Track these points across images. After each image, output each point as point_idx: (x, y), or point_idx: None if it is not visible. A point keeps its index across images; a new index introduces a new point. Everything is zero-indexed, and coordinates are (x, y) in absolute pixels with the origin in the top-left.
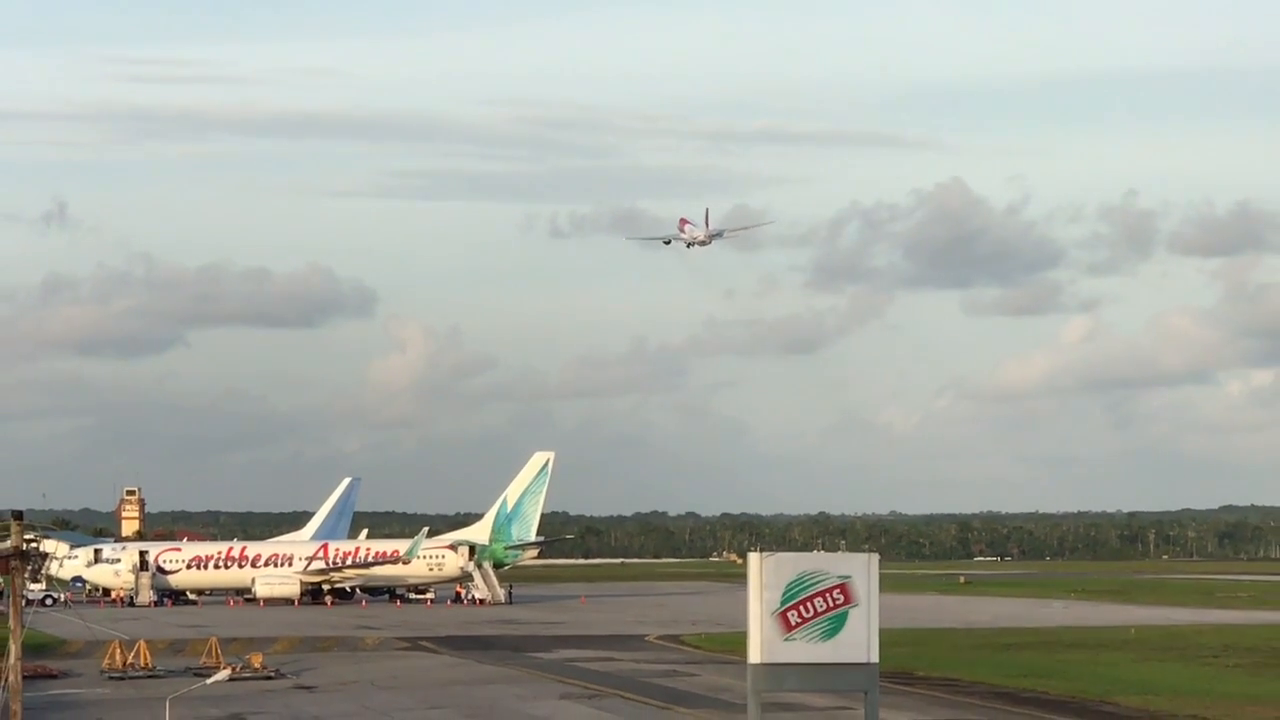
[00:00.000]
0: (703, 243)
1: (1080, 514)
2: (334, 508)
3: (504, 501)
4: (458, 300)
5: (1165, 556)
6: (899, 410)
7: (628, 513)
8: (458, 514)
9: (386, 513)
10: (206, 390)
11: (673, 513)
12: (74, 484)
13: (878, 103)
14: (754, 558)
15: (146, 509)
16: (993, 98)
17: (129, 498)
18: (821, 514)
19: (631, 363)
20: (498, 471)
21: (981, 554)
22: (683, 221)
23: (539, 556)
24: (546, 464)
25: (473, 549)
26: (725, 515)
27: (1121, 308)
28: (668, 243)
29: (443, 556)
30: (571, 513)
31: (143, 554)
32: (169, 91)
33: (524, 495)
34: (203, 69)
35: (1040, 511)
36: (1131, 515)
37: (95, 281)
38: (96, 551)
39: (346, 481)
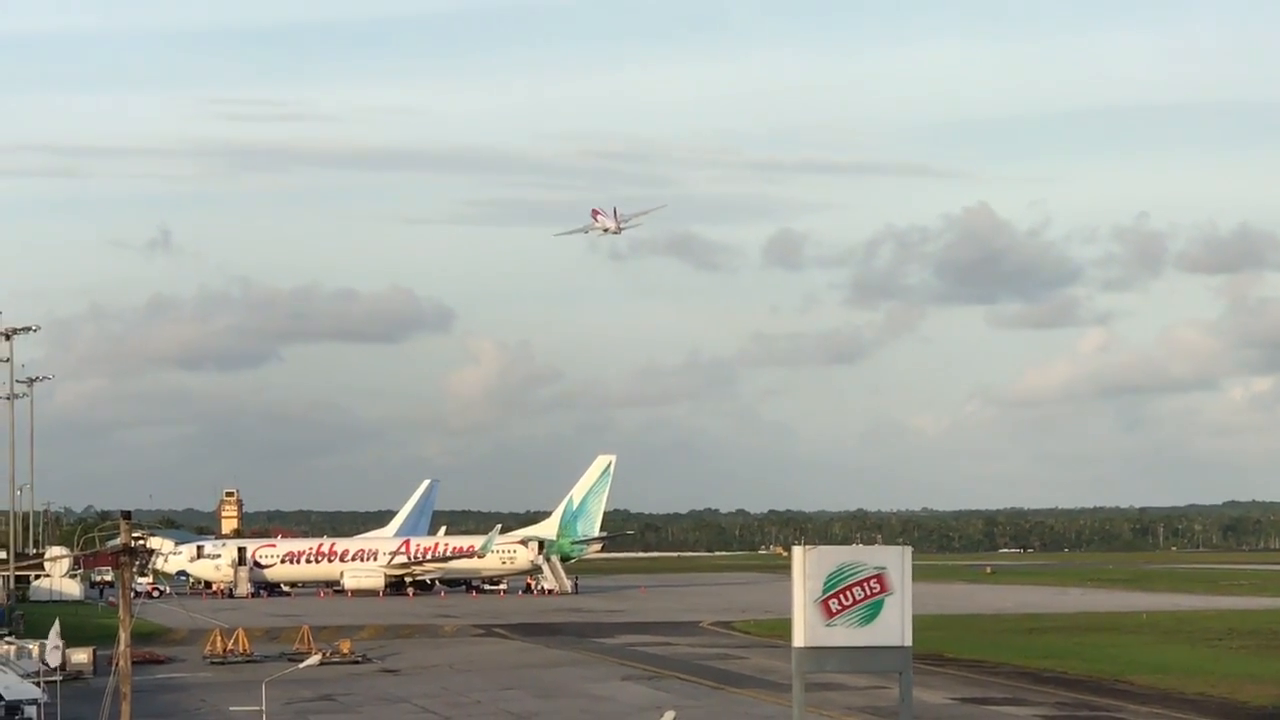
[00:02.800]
0: (615, 232)
1: (1096, 509)
2: (415, 507)
3: (570, 500)
4: (527, 317)
5: (1173, 548)
6: (930, 415)
7: (683, 510)
8: (528, 512)
9: (463, 511)
10: (298, 400)
11: (724, 510)
12: (178, 486)
13: (911, 135)
14: (798, 551)
15: (244, 509)
16: (1016, 129)
17: (228, 499)
18: (859, 511)
19: (686, 373)
20: (564, 473)
21: (1006, 546)
22: (595, 212)
23: (602, 550)
24: (609, 466)
25: (542, 544)
26: (772, 512)
27: (1133, 321)
28: (586, 232)
29: (514, 551)
30: (632, 510)
31: (241, 550)
32: (262, 129)
33: (588, 494)
34: (293, 108)
35: (1059, 507)
36: (1142, 510)
37: (197, 302)
38: (199, 548)
39: (426, 483)
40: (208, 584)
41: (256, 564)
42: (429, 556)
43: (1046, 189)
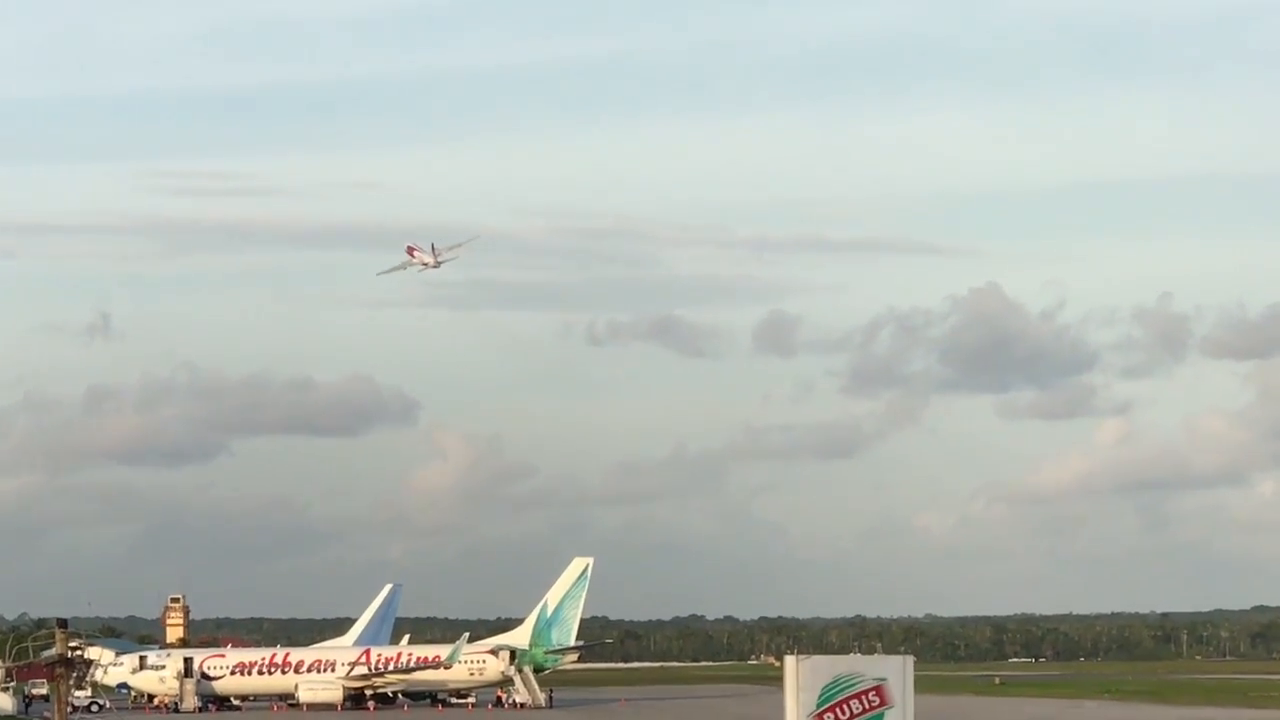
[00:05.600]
0: (433, 266)
1: (1114, 615)
2: (376, 614)
3: (544, 606)
4: (498, 408)
5: (1198, 657)
6: (935, 513)
7: (666, 617)
8: (498, 619)
9: (428, 618)
10: (250, 498)
11: (711, 616)
12: (119, 591)
13: (913, 210)
14: (790, 660)
15: (191, 616)
16: (1028, 204)
17: (173, 605)
18: (858, 617)
19: (670, 469)
20: (538, 577)
21: (1016, 655)
22: (410, 249)
23: (579, 661)
24: (586, 569)
25: (513, 654)
26: (763, 618)
27: (1155, 410)
28: (404, 269)
29: (484, 661)
30: (611, 617)
31: (187, 660)
32: (210, 204)
33: (564, 600)
34: (244, 181)
35: (1074, 612)
36: (1165, 616)
37: (139, 391)
38: (141, 658)
39: (388, 588)
40: (151, 697)
41: (204, 676)
42: (391, 667)
43: (1061, 268)
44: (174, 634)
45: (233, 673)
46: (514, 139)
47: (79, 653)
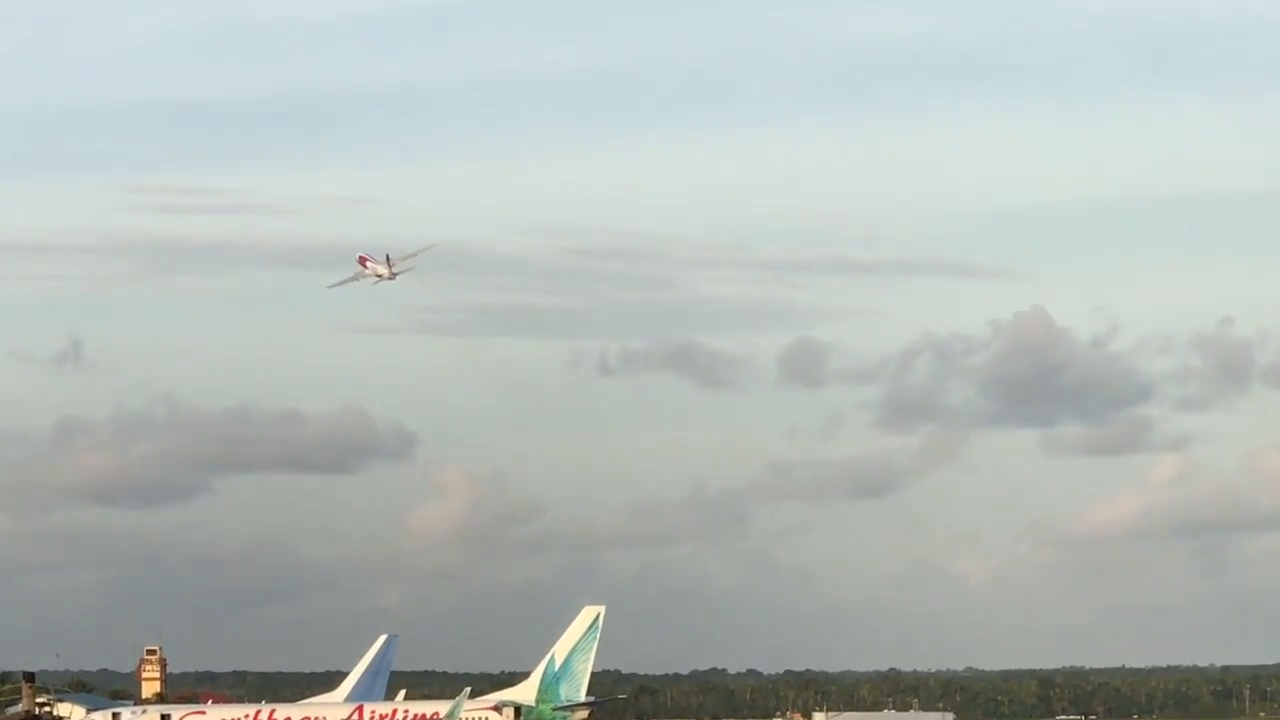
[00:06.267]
0: (389, 278)
1: (1170, 668)
2: (369, 667)
3: (552, 659)
4: (501, 443)
5: (1262, 715)
6: (975, 558)
7: (684, 670)
8: (502, 673)
9: (425, 672)
10: (233, 541)
11: (732, 670)
12: (91, 642)
13: (952, 228)
14: (819, 718)
15: (168, 669)
16: (1075, 222)
17: (149, 657)
18: (892, 670)
19: (688, 509)
20: (545, 627)
21: (1064, 712)
22: (362, 259)
23: (589, 718)
24: (597, 619)
25: (518, 710)
26: (788, 672)
27: (1215, 445)
28: (357, 280)
29: (486, 719)
30: (624, 671)
31: (165, 717)
32: (191, 222)
33: (573, 652)
34: (228, 198)
35: (1127, 666)
36: (1225, 669)
37: (113, 425)
38: (115, 715)
39: (383, 639)
40: None
41: None
42: None
43: (1113, 291)
44: (150, 689)
45: None
46: (520, 152)
47: (47, 709)
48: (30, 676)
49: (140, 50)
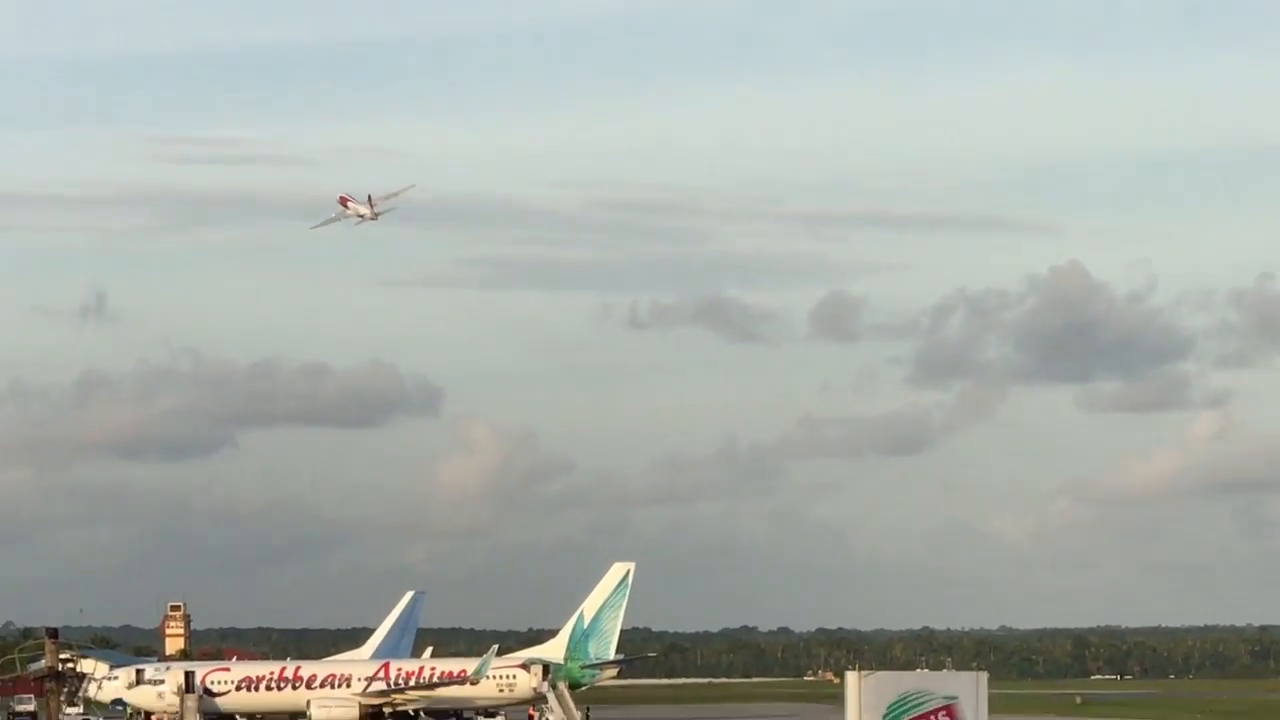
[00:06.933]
0: (371, 218)
1: (1207, 628)
2: (395, 624)
3: (580, 616)
4: (530, 398)
5: None
6: (1010, 516)
7: (714, 628)
8: (530, 630)
9: (452, 629)
10: (258, 496)
11: (763, 628)
12: (114, 599)
13: (986, 182)
14: (852, 677)
15: (192, 625)
16: (1113, 176)
17: (173, 613)
18: (925, 629)
19: (719, 465)
20: (574, 584)
21: (1099, 672)
22: (343, 199)
23: (618, 676)
24: (626, 575)
25: (546, 668)
26: (820, 630)
27: (1254, 402)
28: (339, 220)
29: (514, 676)
30: (654, 628)
31: (188, 675)
32: (215, 173)
33: (602, 609)
34: (253, 149)
35: (1163, 625)
36: (1263, 629)
37: (137, 379)
38: (138, 672)
39: (409, 595)
40: (149, 715)
41: (207, 691)
42: (412, 683)
43: (1150, 245)
44: (174, 645)
45: (238, 688)
46: (548, 103)
47: (70, 666)
48: (54, 633)
49: (165, 0)
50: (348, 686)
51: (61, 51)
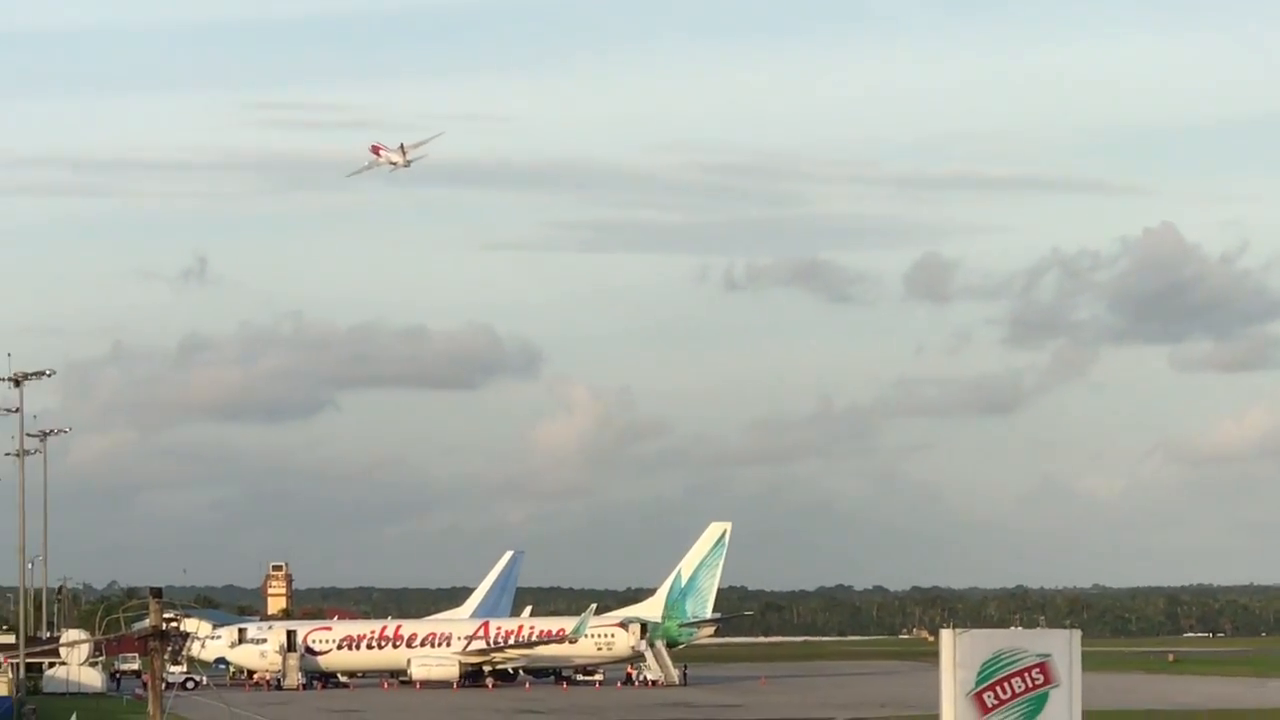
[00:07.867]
0: (404, 165)
1: None
2: (495, 583)
3: (678, 575)
4: (627, 359)
5: None
6: (1103, 475)
7: (810, 587)
8: (628, 589)
9: (551, 588)
10: (359, 457)
11: (859, 587)
12: (217, 559)
13: (1081, 143)
14: (946, 635)
15: (294, 585)
16: (1205, 138)
17: (275, 573)
18: (1019, 587)
19: (814, 426)
20: (671, 544)
21: (1191, 630)
22: (375, 148)
23: (715, 634)
24: (723, 535)
25: (644, 626)
26: (915, 589)
27: None
28: (371, 168)
29: (612, 635)
30: (750, 587)
31: (290, 633)
32: (317, 138)
33: (699, 569)
34: (354, 114)
35: (1256, 584)
36: None
37: (238, 342)
38: (241, 631)
39: (508, 555)
40: (251, 674)
41: (309, 650)
42: (511, 641)
43: (1243, 207)
44: (276, 605)
45: (339, 647)
46: (645, 67)
47: (174, 625)
48: (157, 592)
49: None
50: (448, 645)
51: (164, 18)
